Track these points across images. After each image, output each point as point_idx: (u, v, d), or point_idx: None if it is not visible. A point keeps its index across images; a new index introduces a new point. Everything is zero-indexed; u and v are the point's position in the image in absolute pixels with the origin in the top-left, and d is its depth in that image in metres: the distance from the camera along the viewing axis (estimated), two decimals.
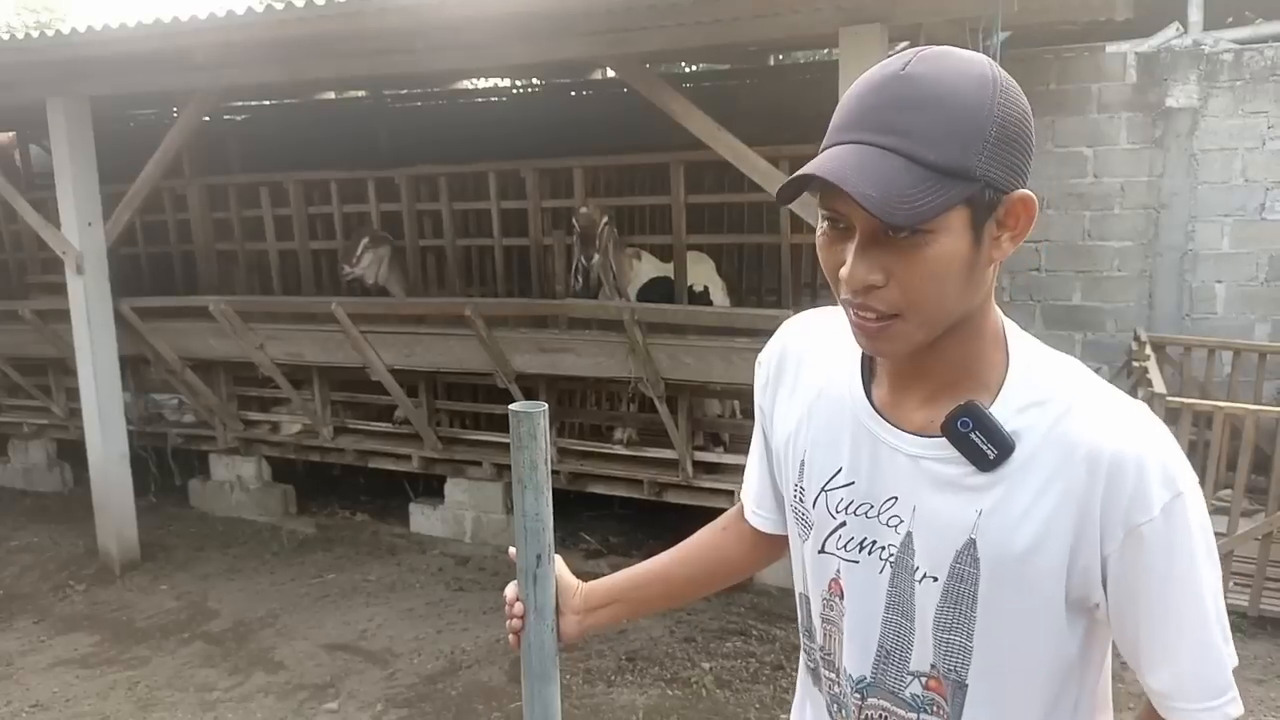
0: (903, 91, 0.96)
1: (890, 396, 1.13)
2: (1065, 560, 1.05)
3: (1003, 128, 0.96)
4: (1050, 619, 1.08)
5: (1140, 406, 1.08)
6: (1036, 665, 1.12)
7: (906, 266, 0.98)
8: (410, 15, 3.79)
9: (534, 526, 1.52)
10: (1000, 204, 0.99)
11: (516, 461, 1.50)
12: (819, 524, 1.19)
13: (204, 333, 5.70)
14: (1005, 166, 0.97)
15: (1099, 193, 5.86)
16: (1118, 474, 1.01)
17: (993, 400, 1.06)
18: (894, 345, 1.04)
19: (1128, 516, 1.02)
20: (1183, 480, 1.03)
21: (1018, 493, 1.05)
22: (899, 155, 0.94)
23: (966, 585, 1.08)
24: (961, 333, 1.06)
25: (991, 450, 1.04)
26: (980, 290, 1.04)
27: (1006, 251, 1.03)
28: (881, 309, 1.00)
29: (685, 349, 4.51)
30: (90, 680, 4.38)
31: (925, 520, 1.10)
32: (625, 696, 4.03)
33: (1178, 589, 1.04)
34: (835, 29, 3.53)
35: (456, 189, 5.81)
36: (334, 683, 4.26)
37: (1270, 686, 3.91)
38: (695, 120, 3.93)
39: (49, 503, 6.88)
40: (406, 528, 5.99)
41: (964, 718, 1.14)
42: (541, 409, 1.49)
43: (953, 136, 0.94)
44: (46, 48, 4.53)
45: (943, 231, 0.96)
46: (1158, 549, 1.02)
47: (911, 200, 0.93)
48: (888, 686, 1.17)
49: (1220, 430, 4.28)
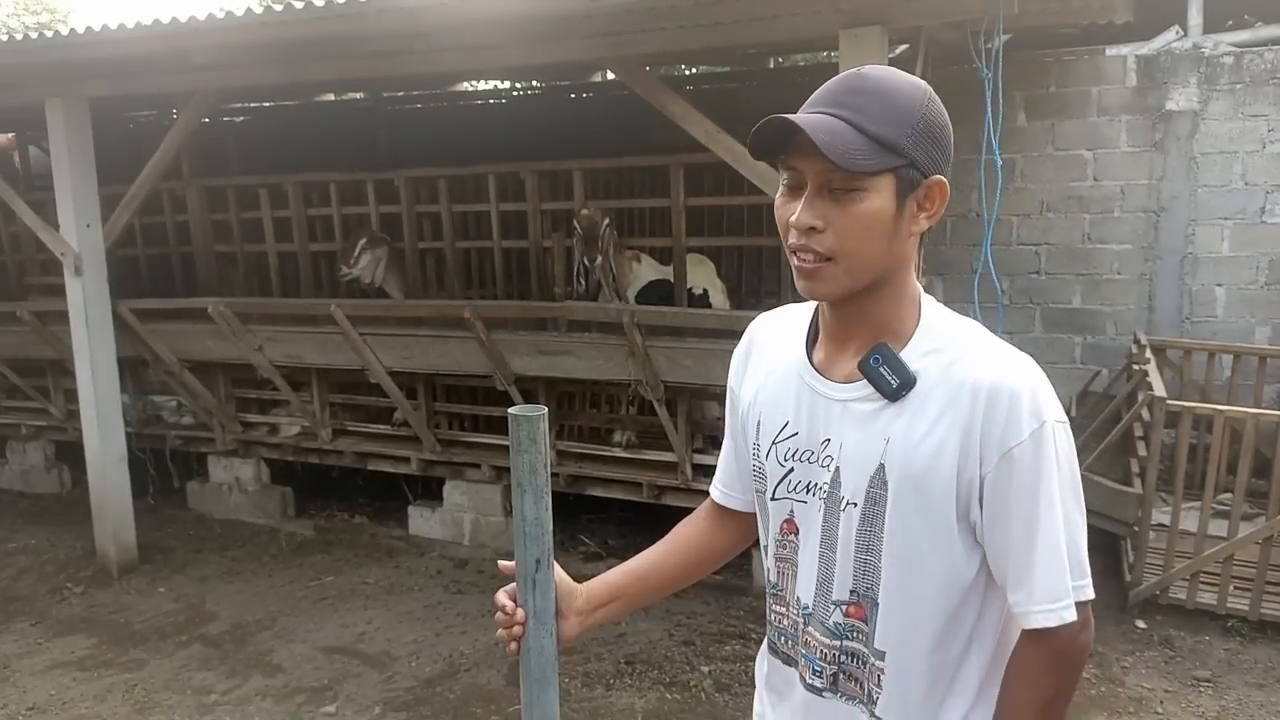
0: (855, 83, 1.24)
1: (825, 356, 1.36)
2: (953, 479, 1.24)
3: (927, 124, 1.23)
4: (944, 534, 1.27)
5: (1021, 355, 1.28)
6: (934, 579, 1.29)
7: (842, 215, 1.22)
8: (410, 17, 3.78)
9: (533, 531, 1.51)
10: (920, 185, 1.24)
11: (516, 466, 1.50)
12: (771, 474, 1.41)
13: (202, 334, 5.69)
14: (927, 154, 1.23)
15: (1099, 196, 5.85)
16: (994, 403, 1.22)
17: (902, 347, 1.29)
18: (825, 286, 1.27)
19: (1001, 440, 1.22)
20: (1049, 412, 1.23)
21: (917, 422, 1.26)
22: (848, 123, 1.20)
23: (879, 508, 1.28)
24: (883, 293, 1.29)
25: (895, 379, 1.26)
26: (899, 256, 1.28)
27: (923, 228, 1.28)
28: (819, 250, 1.23)
29: (684, 351, 4.50)
30: (87, 683, 4.37)
31: (848, 454, 1.31)
32: (624, 700, 4.02)
33: (1038, 505, 1.23)
34: (835, 32, 3.52)
35: (456, 191, 5.80)
36: (332, 686, 4.25)
37: (1271, 691, 3.90)
38: (694, 123, 3.93)
39: (47, 504, 6.87)
40: (405, 530, 5.98)
41: (878, 634, 1.32)
42: (541, 413, 1.49)
43: (889, 119, 1.21)
44: (45, 49, 4.52)
45: (874, 191, 1.21)
46: (1025, 469, 1.22)
47: (854, 155, 1.18)
48: (819, 616, 1.36)
49: (1220, 434, 4.28)
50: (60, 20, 15.32)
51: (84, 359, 5.46)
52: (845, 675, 1.36)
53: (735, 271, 6.18)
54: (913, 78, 1.27)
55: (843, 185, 1.21)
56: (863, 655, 1.33)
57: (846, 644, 1.34)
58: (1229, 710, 3.78)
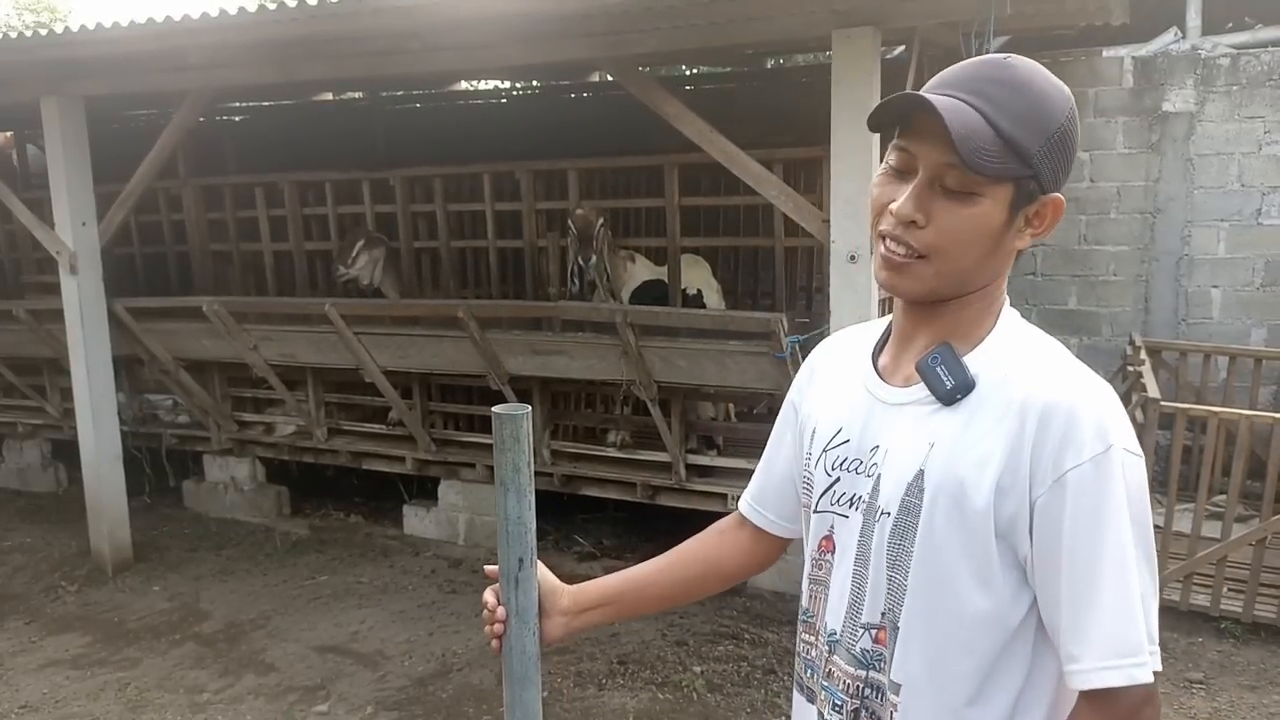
0: (998, 72, 1.11)
1: (891, 360, 1.25)
2: (992, 498, 1.10)
3: (1064, 136, 1.11)
4: (980, 559, 1.12)
5: (1096, 378, 1.14)
6: (966, 610, 1.13)
7: (948, 215, 1.11)
8: (405, 16, 3.78)
9: (516, 530, 1.51)
10: (1037, 200, 1.13)
11: (499, 464, 1.50)
12: (818, 484, 1.29)
13: (197, 333, 5.69)
14: (1053, 168, 1.12)
15: (1095, 197, 5.85)
16: (1048, 420, 1.08)
17: (968, 352, 1.18)
18: (910, 283, 1.16)
19: (1056, 462, 1.07)
20: (1118, 437, 1.08)
21: (966, 430, 1.14)
22: (983, 116, 1.07)
23: (911, 517, 1.15)
24: (970, 301, 1.18)
25: (950, 380, 1.15)
26: (995, 271, 1.17)
27: (1026, 244, 1.16)
28: (914, 246, 1.13)
29: (678, 351, 4.50)
30: (80, 681, 4.36)
31: (891, 460, 1.19)
32: (616, 700, 4.02)
33: (1103, 540, 1.06)
34: (828, 32, 3.52)
35: (451, 190, 5.81)
36: (324, 685, 4.24)
37: (1264, 693, 3.89)
38: (688, 123, 3.92)
39: (43, 503, 6.87)
40: (400, 529, 5.98)
41: (895, 663, 1.17)
42: (525, 411, 1.48)
43: (1027, 120, 1.08)
44: (40, 47, 4.52)
45: (988, 198, 1.10)
46: (1085, 496, 1.06)
47: (984, 155, 1.06)
48: (846, 643, 1.22)
49: (1214, 435, 4.27)
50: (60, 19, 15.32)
51: (79, 357, 5.46)
52: (868, 712, 1.20)
53: (731, 272, 6.18)
54: (1060, 82, 1.14)
55: (958, 183, 1.09)
56: (882, 688, 1.18)
57: (871, 675, 1.19)
58: (1221, 712, 3.78)
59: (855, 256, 3.55)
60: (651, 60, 5.32)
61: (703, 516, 5.92)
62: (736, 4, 3.55)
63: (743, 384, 4.48)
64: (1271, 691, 3.90)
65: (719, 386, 4.69)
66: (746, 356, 4.30)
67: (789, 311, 4.87)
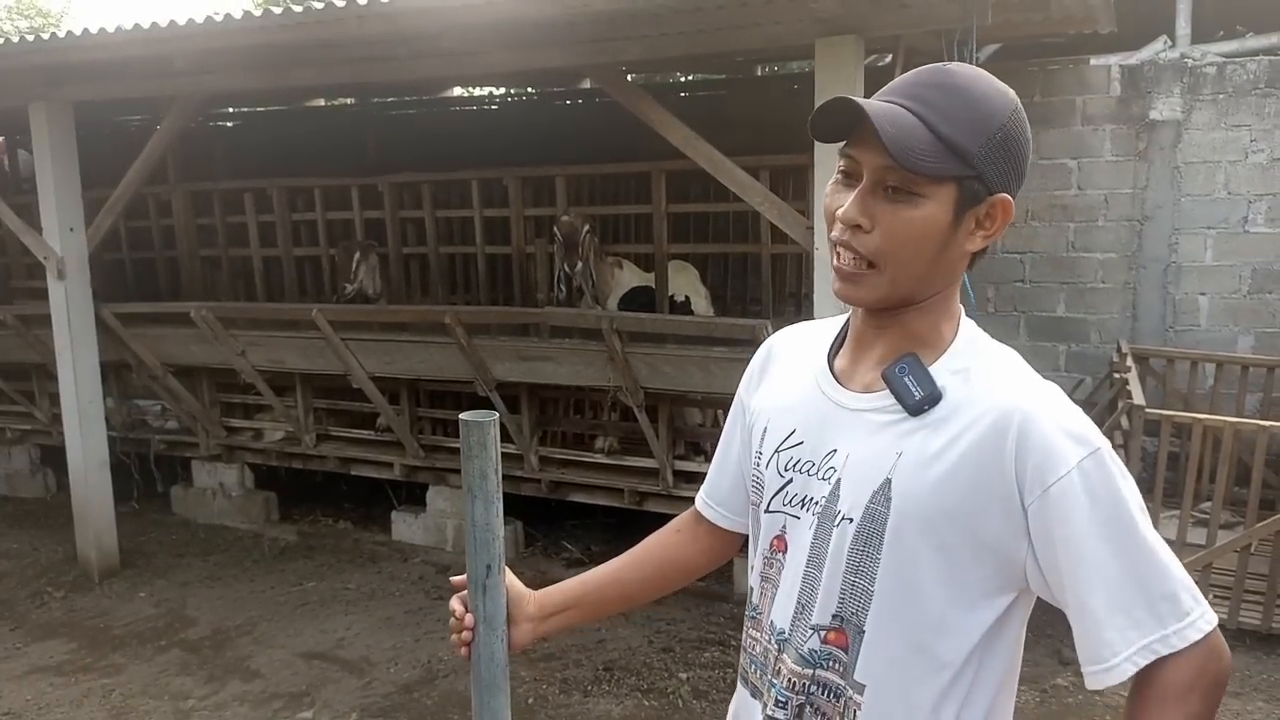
0: (938, 78, 1.14)
1: (849, 364, 1.26)
2: (965, 509, 1.12)
3: (1006, 137, 1.13)
4: (952, 568, 1.14)
5: (1053, 386, 1.16)
6: (935, 615, 1.15)
7: (892, 219, 1.12)
8: (390, 22, 3.78)
9: (484, 536, 1.51)
10: (984, 201, 1.14)
11: (467, 471, 1.50)
12: (769, 484, 1.29)
13: (185, 339, 5.69)
14: (999, 169, 1.13)
15: (1083, 205, 5.87)
16: (1025, 436, 1.10)
17: (933, 361, 1.19)
18: (862, 291, 1.17)
19: (1042, 476, 1.09)
20: (1093, 439, 1.10)
21: (934, 439, 1.14)
22: (920, 119, 1.10)
23: (877, 525, 1.16)
24: (923, 308, 1.19)
25: (919, 391, 1.16)
26: (947, 273, 1.18)
27: (979, 247, 1.17)
28: (861, 252, 1.14)
29: (664, 358, 4.50)
30: (64, 688, 4.35)
31: (853, 465, 1.19)
32: (601, 706, 4.01)
33: (1120, 527, 1.08)
34: (812, 40, 3.53)
35: (440, 196, 5.81)
36: (309, 691, 4.23)
37: (1247, 699, 3.90)
38: (673, 129, 3.93)
39: (31, 508, 6.85)
40: (389, 535, 5.97)
41: (860, 665, 1.18)
42: (493, 418, 1.49)
43: (965, 123, 1.11)
44: (27, 52, 4.52)
45: (931, 199, 1.11)
46: (1080, 501, 1.08)
47: (917, 154, 1.08)
48: (794, 642, 1.24)
49: (1198, 442, 4.28)
50: (52, 25, 15.32)
51: (66, 363, 5.45)
52: (813, 709, 1.22)
53: (720, 278, 6.19)
54: (1003, 85, 1.17)
55: (900, 185, 1.11)
56: (837, 688, 1.20)
57: (820, 674, 1.21)
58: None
59: None
60: (637, 67, 5.33)
61: None
62: (720, 12, 3.56)
63: (728, 390, 4.43)
64: (1256, 698, 3.91)
65: (705, 393, 4.69)
66: (732, 363, 4.30)
67: (777, 318, 4.87)
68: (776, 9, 3.52)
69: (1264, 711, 3.82)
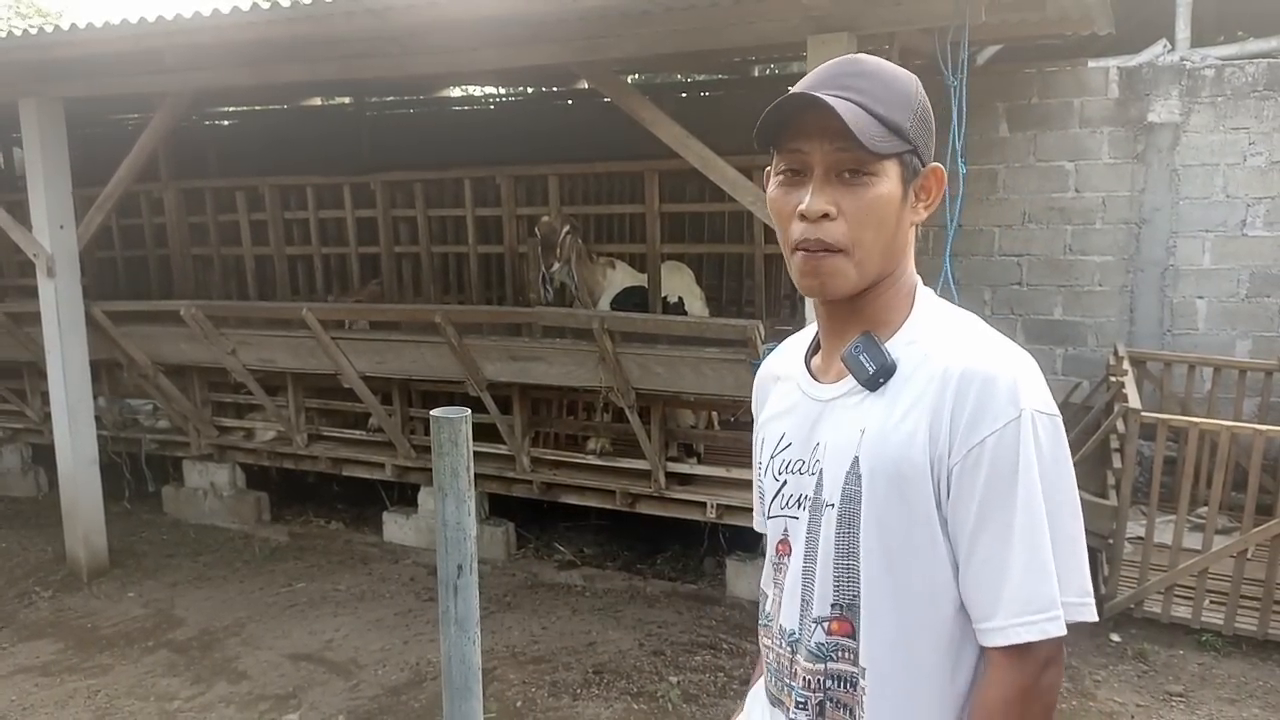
0: (854, 67, 1.19)
1: (823, 361, 1.30)
2: (928, 471, 1.14)
3: (923, 111, 1.20)
4: (926, 533, 1.15)
5: (1010, 344, 1.19)
6: (920, 585, 1.16)
7: (854, 202, 1.16)
8: (378, 19, 3.75)
9: (455, 536, 1.48)
10: (920, 173, 1.21)
11: (438, 469, 1.47)
12: (769, 491, 1.32)
13: (175, 337, 5.65)
14: (925, 141, 1.20)
15: (1080, 207, 5.84)
16: (964, 388, 1.13)
17: (889, 337, 1.22)
18: (833, 280, 1.18)
19: (971, 428, 1.12)
20: (1030, 400, 1.12)
21: (891, 410, 1.18)
22: (858, 105, 1.14)
23: (854, 505, 1.19)
24: (883, 288, 1.22)
25: (872, 366, 1.19)
26: (901, 251, 1.22)
27: (921, 218, 1.23)
28: (829, 241, 1.16)
29: (656, 358, 4.47)
30: (49, 689, 4.31)
31: (830, 452, 1.23)
32: (590, 710, 3.97)
33: (1013, 501, 1.11)
34: (804, 38, 3.50)
35: (433, 195, 5.78)
36: (296, 693, 4.19)
37: (1244, 706, 3.86)
38: (664, 128, 3.90)
39: (21, 507, 6.81)
40: (380, 536, 5.94)
41: (863, 650, 1.19)
42: (464, 415, 1.46)
43: (893, 103, 1.17)
44: (15, 48, 4.50)
45: (883, 177, 1.16)
46: (998, 460, 1.11)
47: (872, 135, 1.13)
48: (803, 640, 1.24)
49: (1193, 446, 4.24)
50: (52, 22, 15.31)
51: (55, 361, 5.41)
52: (833, 703, 1.21)
53: (715, 279, 6.16)
54: (899, 66, 1.23)
55: (856, 168, 1.15)
56: (850, 677, 1.20)
57: (832, 666, 1.21)
58: None
59: None
60: (630, 66, 5.30)
61: (683, 524, 5.83)
62: (712, 9, 3.53)
63: (720, 391, 4.45)
64: (1251, 705, 3.86)
65: (697, 394, 4.65)
66: (724, 364, 4.27)
67: (771, 319, 4.84)
68: (768, 6, 3.49)
69: (1260, 718, 3.78)
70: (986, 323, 1.24)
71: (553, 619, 4.80)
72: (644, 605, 4.95)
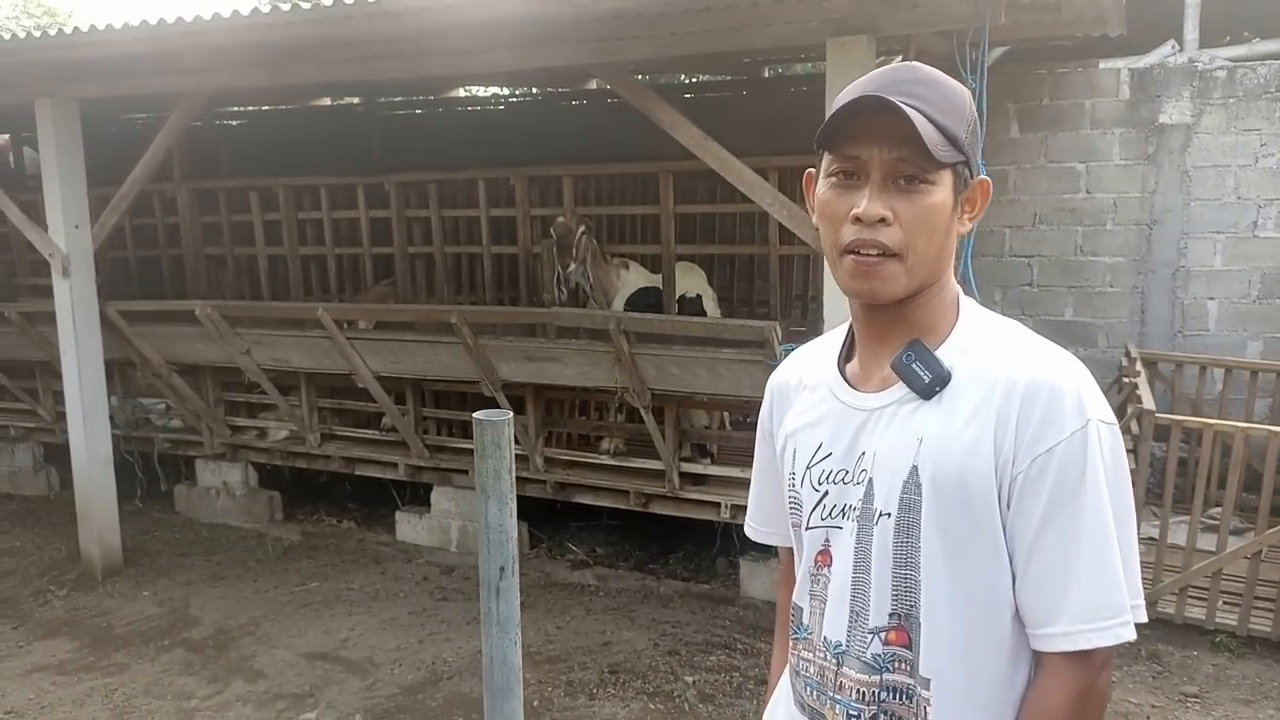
0: (913, 74, 1.19)
1: (860, 368, 1.28)
2: (992, 479, 1.15)
3: (974, 123, 1.21)
4: (989, 541, 1.16)
5: (1066, 353, 1.20)
6: (982, 592, 1.17)
7: (910, 209, 1.16)
8: (398, 20, 3.76)
9: (498, 538, 1.49)
10: (970, 184, 1.22)
11: (480, 471, 1.48)
12: (806, 501, 1.30)
13: (190, 337, 5.67)
14: (974, 153, 1.20)
15: (1091, 208, 5.85)
16: (1031, 398, 1.14)
17: (939, 345, 1.22)
18: (885, 285, 1.18)
19: (1038, 438, 1.13)
20: (1095, 410, 1.14)
21: (950, 419, 1.18)
22: (920, 113, 1.14)
23: (913, 515, 1.18)
24: (927, 294, 1.22)
25: (928, 374, 1.19)
26: (948, 259, 1.23)
27: (967, 228, 1.24)
28: (885, 245, 1.16)
29: (671, 359, 4.48)
30: (67, 687, 4.33)
31: (880, 461, 1.22)
32: (607, 710, 3.98)
33: (1082, 511, 1.12)
34: (823, 40, 3.51)
35: (446, 196, 5.80)
36: (313, 692, 4.21)
37: (1259, 707, 3.87)
38: (682, 129, 3.91)
39: (34, 506, 6.83)
40: (392, 536, 5.95)
41: (923, 659, 1.18)
42: (506, 418, 1.47)
43: (952, 113, 1.17)
44: (34, 49, 4.51)
45: (940, 185, 1.17)
46: (1066, 470, 1.12)
47: (937, 144, 1.13)
48: (855, 652, 1.23)
49: (1209, 447, 4.25)
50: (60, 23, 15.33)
51: (70, 360, 5.43)
52: (886, 715, 1.21)
53: (727, 280, 6.17)
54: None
55: (914, 175, 1.15)
56: (907, 688, 1.19)
57: (888, 678, 1.20)
58: None
59: None
60: (645, 67, 5.31)
61: (696, 525, 5.84)
62: (730, 12, 3.54)
63: (736, 392, 4.46)
64: (1267, 706, 3.87)
65: (711, 394, 4.67)
66: (740, 364, 4.28)
67: (784, 320, 4.85)
68: (786, 9, 3.50)
69: (1276, 719, 3.79)
70: None
71: (567, 619, 4.81)
72: (657, 605, 4.97)
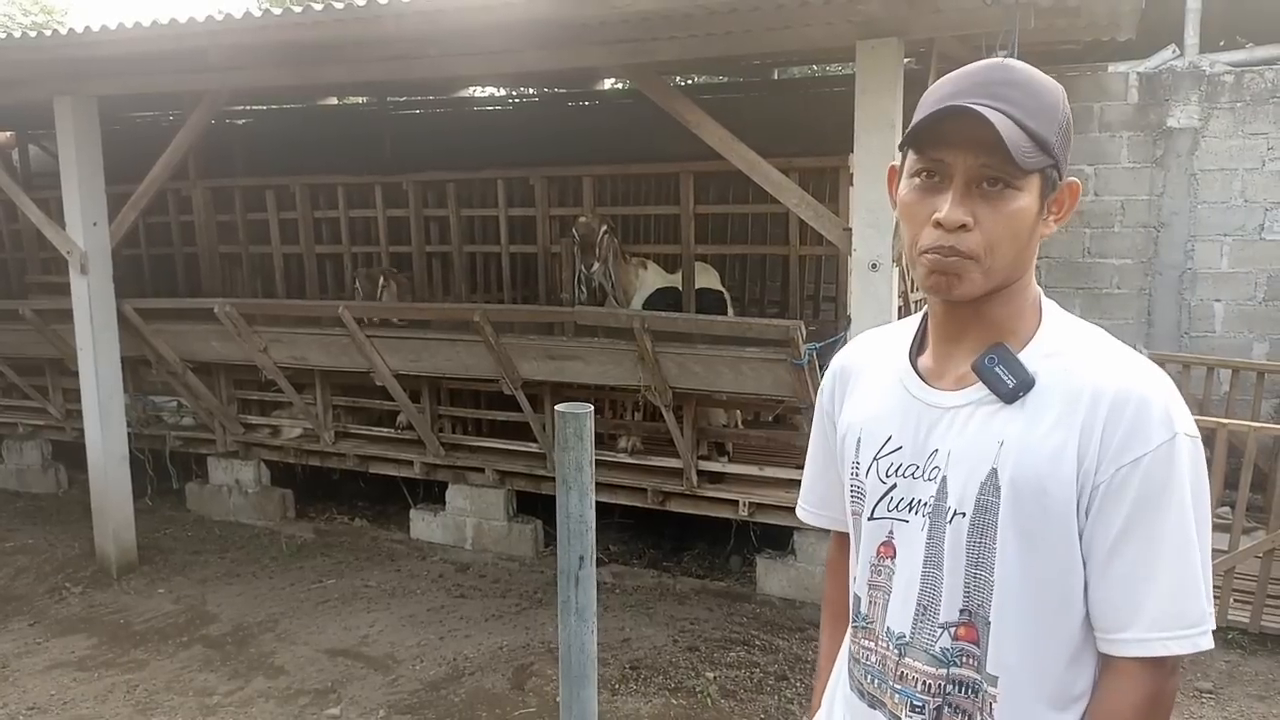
0: (1005, 75, 1.17)
1: (935, 364, 1.28)
2: (1073, 486, 1.15)
3: (1068, 123, 1.19)
4: (1065, 546, 1.17)
5: (1151, 364, 1.19)
6: (1055, 595, 1.18)
7: (992, 214, 1.15)
8: (428, 20, 3.78)
9: (578, 528, 1.52)
10: (1058, 187, 1.20)
11: (561, 462, 1.51)
12: (871, 492, 1.30)
13: (207, 335, 5.68)
14: (1066, 155, 1.19)
15: (1099, 210, 5.92)
16: (1119, 409, 1.13)
17: (1020, 349, 1.21)
18: (963, 287, 1.18)
19: (1124, 448, 1.13)
20: (1182, 424, 1.14)
21: (1033, 425, 1.17)
22: (1009, 117, 1.12)
23: (989, 516, 1.18)
24: (1006, 296, 1.22)
25: (1012, 379, 1.19)
26: (1029, 261, 1.22)
27: (1051, 231, 1.22)
28: (964, 250, 1.16)
29: (694, 358, 4.52)
30: (88, 683, 4.33)
31: (956, 460, 1.22)
32: (630, 705, 4.02)
33: (1165, 521, 1.13)
34: (852, 43, 3.55)
35: (464, 195, 5.82)
36: (335, 688, 4.23)
37: (1272, 703, 3.93)
38: (709, 130, 3.95)
39: (43, 504, 6.83)
40: (406, 533, 5.97)
41: (991, 657, 1.20)
42: (588, 410, 1.50)
43: (1042, 116, 1.15)
44: (57, 46, 4.52)
45: (1025, 191, 1.16)
46: (1151, 481, 1.13)
47: (1023, 150, 1.12)
48: (921, 644, 1.24)
49: (1221, 448, 4.31)
50: (57, 19, 15.26)
51: (88, 358, 5.43)
52: (951, 708, 1.23)
53: (738, 280, 6.21)
54: (1047, 75, 1.22)
55: (998, 181, 1.14)
56: (973, 683, 1.21)
57: (954, 671, 1.22)
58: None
59: (877, 265, 3.58)
60: (672, 69, 5.34)
61: (712, 522, 5.87)
62: (758, 14, 3.58)
63: (759, 390, 4.51)
64: (1279, 701, 3.94)
65: (734, 393, 4.71)
66: (763, 363, 4.32)
67: (799, 319, 4.90)
68: (813, 11, 3.54)
69: None
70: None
71: None
72: (674, 602, 5.00)
